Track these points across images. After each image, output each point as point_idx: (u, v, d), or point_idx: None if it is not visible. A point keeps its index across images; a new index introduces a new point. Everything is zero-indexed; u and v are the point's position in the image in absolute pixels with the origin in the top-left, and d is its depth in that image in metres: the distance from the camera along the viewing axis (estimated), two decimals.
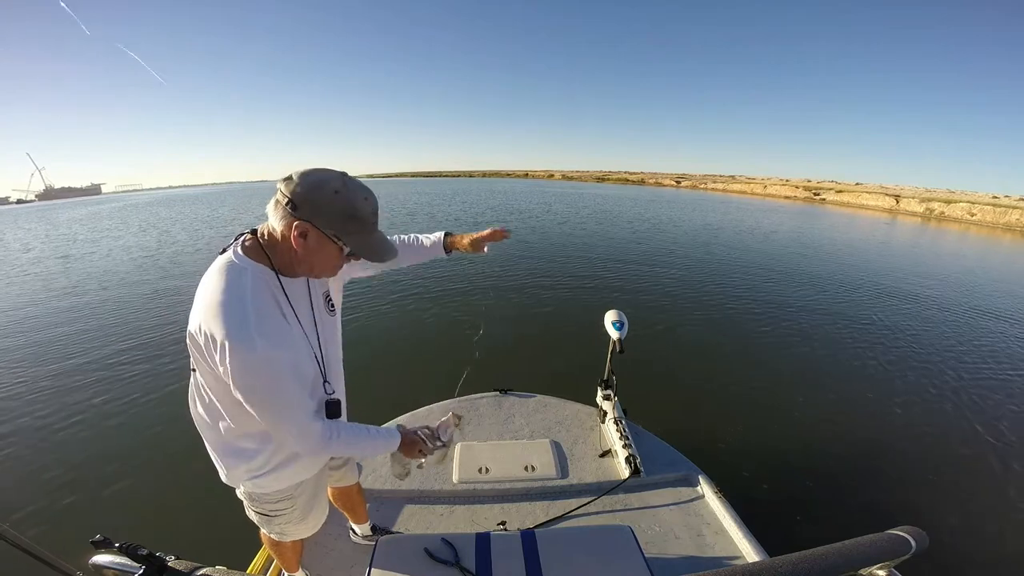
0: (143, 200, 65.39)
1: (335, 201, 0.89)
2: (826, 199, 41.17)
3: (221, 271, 0.91)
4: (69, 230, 20.77)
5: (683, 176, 72.30)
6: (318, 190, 0.88)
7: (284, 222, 0.90)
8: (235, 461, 1.08)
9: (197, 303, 0.91)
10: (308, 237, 0.90)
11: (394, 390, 3.88)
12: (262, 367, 0.87)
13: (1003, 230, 24.27)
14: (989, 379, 4.57)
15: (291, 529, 1.26)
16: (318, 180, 0.89)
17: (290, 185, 0.88)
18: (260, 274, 0.93)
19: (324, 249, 0.93)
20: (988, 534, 2.60)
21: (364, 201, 0.93)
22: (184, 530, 2.50)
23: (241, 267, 0.92)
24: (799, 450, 3.31)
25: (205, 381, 0.97)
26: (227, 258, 0.94)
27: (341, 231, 0.92)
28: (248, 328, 0.86)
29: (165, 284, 8.16)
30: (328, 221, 0.90)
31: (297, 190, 0.88)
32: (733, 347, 5.19)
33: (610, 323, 2.22)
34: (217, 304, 0.87)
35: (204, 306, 0.88)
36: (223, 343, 0.84)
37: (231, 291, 0.88)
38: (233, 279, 0.90)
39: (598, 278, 8.15)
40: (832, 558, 0.56)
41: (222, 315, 0.86)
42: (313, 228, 0.89)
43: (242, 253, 0.94)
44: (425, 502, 1.88)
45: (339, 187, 0.89)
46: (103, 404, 3.91)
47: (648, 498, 1.89)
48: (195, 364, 0.97)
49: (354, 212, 0.91)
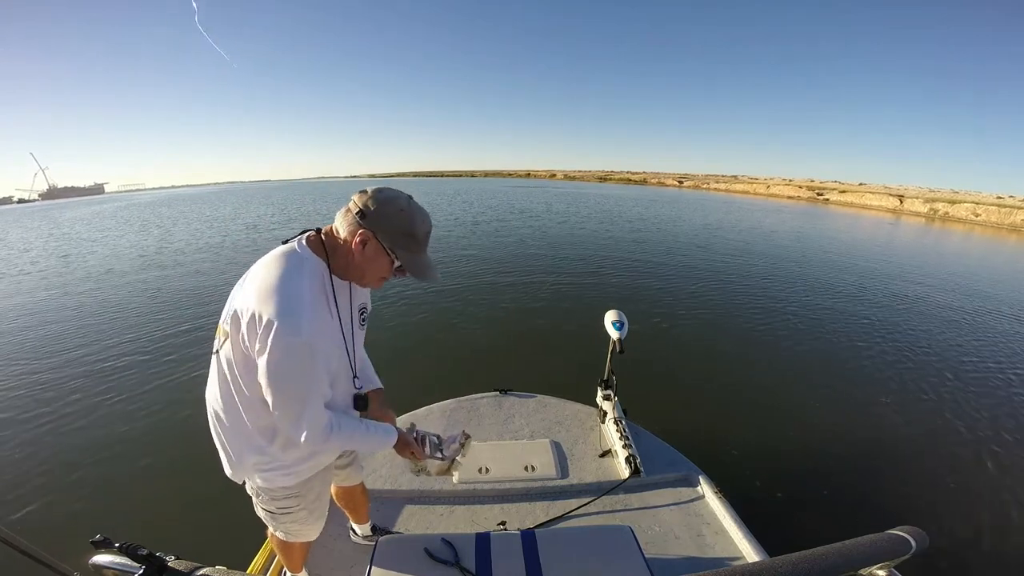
0: (146, 200, 65.51)
1: (398, 217, 0.99)
2: (829, 199, 41.12)
3: (282, 257, 0.99)
4: (71, 229, 20.81)
5: (685, 176, 72.26)
6: (386, 205, 0.98)
7: (350, 228, 0.99)
8: (246, 453, 1.09)
9: (250, 283, 0.97)
10: (367, 245, 0.99)
11: (394, 390, 3.85)
12: (300, 352, 0.92)
13: (1008, 230, 24.21)
14: (990, 379, 4.56)
15: (296, 529, 1.27)
16: (388, 197, 0.99)
17: (363, 197, 0.99)
18: (317, 266, 1.01)
19: (378, 259, 1.02)
20: (988, 534, 2.60)
21: (422, 223, 1.02)
22: (184, 530, 2.50)
23: (302, 256, 1.00)
24: (799, 450, 3.31)
25: (234, 363, 0.98)
26: (289, 247, 1.01)
27: (397, 245, 1.01)
28: (300, 312, 0.92)
29: (165, 284, 8.16)
30: (388, 234, 0.99)
31: (368, 202, 0.98)
32: (733, 347, 5.19)
33: (610, 323, 2.22)
34: (274, 285, 0.93)
35: (259, 286, 0.94)
36: (272, 320, 0.89)
37: (290, 276, 0.95)
38: (294, 265, 0.97)
39: (598, 278, 8.14)
40: (832, 558, 0.56)
41: (277, 295, 0.91)
42: (373, 238, 0.99)
43: (305, 245, 1.02)
44: (425, 502, 1.88)
45: (404, 206, 1.00)
46: (102, 404, 3.91)
47: (648, 498, 1.89)
48: (222, 346, 1.01)
49: (412, 230, 1.01)
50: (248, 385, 0.99)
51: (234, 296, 1.00)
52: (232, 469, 1.13)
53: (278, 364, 0.91)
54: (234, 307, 0.96)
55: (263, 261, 1.00)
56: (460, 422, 2.37)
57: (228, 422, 1.07)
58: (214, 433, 1.12)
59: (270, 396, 0.95)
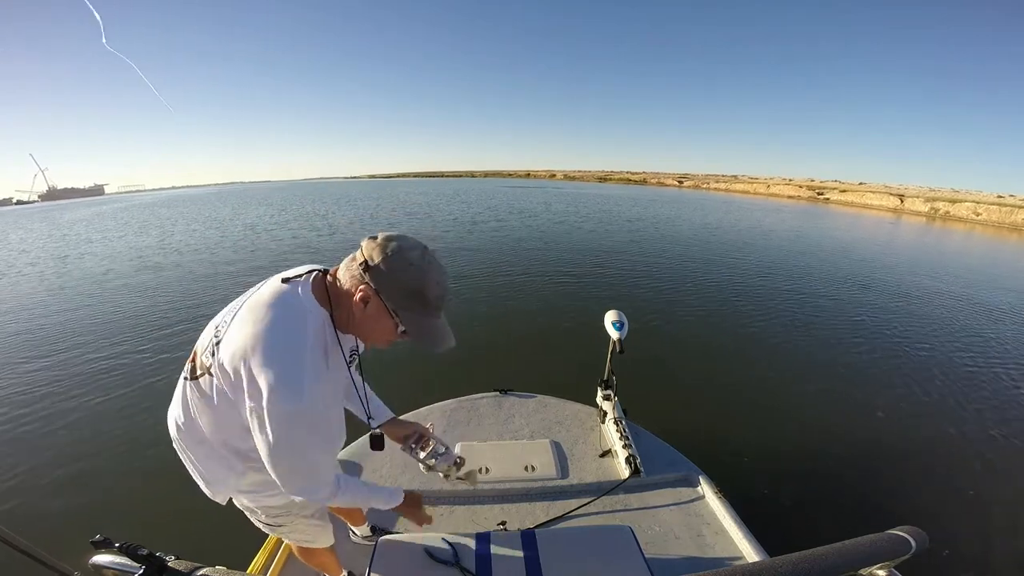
0: (146, 201, 65.48)
1: (406, 273, 0.84)
2: (830, 199, 41.11)
3: (285, 306, 0.87)
4: (71, 230, 20.81)
5: (685, 176, 72.25)
6: (394, 257, 0.84)
7: (352, 281, 0.88)
8: (223, 475, 1.03)
9: (244, 326, 0.85)
10: (369, 304, 0.87)
11: (394, 390, 3.86)
12: (302, 420, 0.84)
13: (1009, 229, 24.22)
14: (990, 379, 4.56)
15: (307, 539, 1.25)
16: (398, 248, 0.85)
17: (371, 245, 0.86)
18: (321, 320, 0.89)
19: (380, 321, 0.89)
20: (988, 534, 2.60)
21: (436, 283, 0.87)
22: (184, 530, 2.49)
23: (306, 308, 0.88)
24: (799, 450, 3.31)
25: (214, 399, 0.91)
26: (292, 292, 0.89)
27: (401, 306, 0.87)
28: (301, 380, 0.82)
29: (165, 283, 8.16)
30: (391, 294, 0.85)
31: (375, 252, 0.85)
32: (733, 347, 5.18)
33: (610, 323, 2.22)
34: (274, 343, 0.83)
35: (256, 337, 0.83)
36: (271, 387, 0.80)
37: (293, 334, 0.85)
38: (297, 321, 0.86)
39: (598, 278, 8.14)
40: (832, 558, 0.56)
41: (276, 358, 0.82)
42: (375, 296, 0.86)
43: (311, 292, 0.90)
44: (425, 502, 1.87)
45: (416, 259, 0.85)
46: (102, 403, 3.91)
47: (648, 498, 1.89)
48: (198, 377, 0.93)
49: (420, 289, 0.86)
50: (229, 419, 0.92)
51: (222, 329, 0.90)
52: (210, 490, 1.06)
53: (278, 431, 0.82)
54: (223, 350, 0.86)
55: (260, 302, 0.88)
56: (460, 422, 2.37)
57: (201, 448, 1.00)
58: (182, 455, 1.04)
59: (269, 466, 0.87)
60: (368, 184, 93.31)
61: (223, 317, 0.94)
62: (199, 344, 0.96)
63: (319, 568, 1.43)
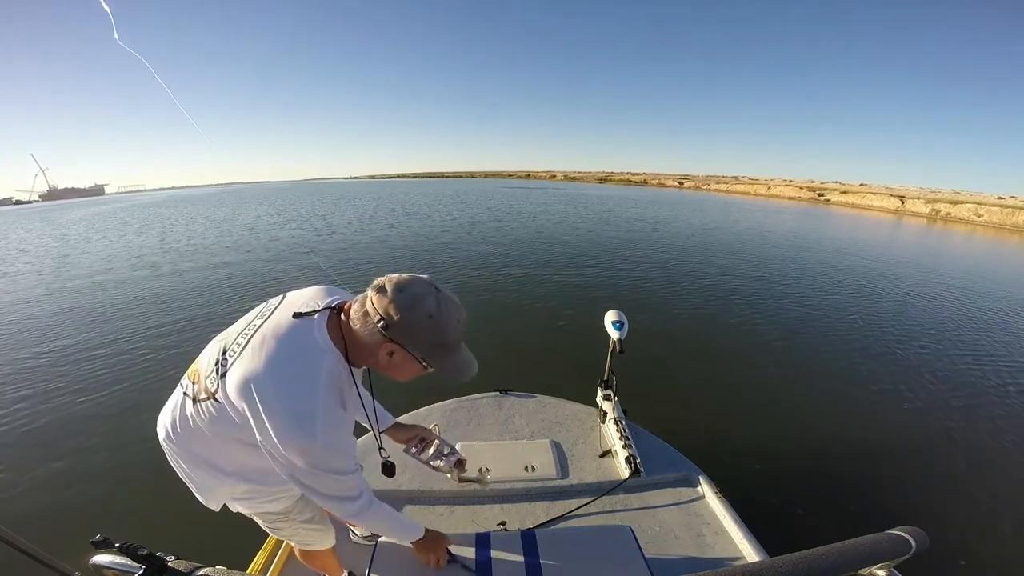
0: (146, 201, 65.46)
1: (428, 327, 0.86)
2: (830, 200, 41.05)
3: (300, 346, 0.88)
4: (69, 230, 20.80)
5: (686, 177, 72.23)
6: (412, 313, 0.84)
7: (374, 338, 0.87)
8: (218, 484, 1.03)
9: (257, 363, 0.85)
10: (395, 356, 0.89)
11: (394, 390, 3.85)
12: (322, 452, 0.86)
13: (1010, 231, 24.19)
14: (991, 379, 4.56)
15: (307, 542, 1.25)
16: (412, 300, 0.85)
17: (383, 301, 0.85)
18: (337, 364, 0.90)
19: (407, 366, 0.92)
20: (988, 534, 2.60)
21: (456, 324, 0.90)
22: (184, 530, 2.49)
23: (323, 350, 0.89)
24: (799, 450, 3.31)
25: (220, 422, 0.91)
26: (307, 331, 0.89)
27: (428, 355, 0.90)
28: (313, 422, 0.84)
29: (164, 283, 8.16)
30: (416, 346, 0.88)
31: (390, 309, 0.84)
32: (733, 347, 5.19)
33: (610, 323, 2.22)
34: (287, 387, 0.84)
35: (268, 377, 0.84)
36: (283, 428, 0.83)
37: (307, 377, 0.86)
38: (313, 363, 0.87)
39: (598, 278, 8.14)
40: (832, 558, 0.56)
41: (289, 403, 0.83)
42: (401, 348, 0.87)
43: (326, 333, 0.90)
44: (425, 502, 1.88)
45: (433, 310, 0.85)
46: (102, 402, 3.91)
47: (648, 498, 1.89)
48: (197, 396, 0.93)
49: (444, 339, 0.89)
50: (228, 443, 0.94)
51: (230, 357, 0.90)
52: (203, 497, 1.06)
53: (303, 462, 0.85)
54: (230, 382, 0.87)
55: (272, 338, 0.88)
56: (460, 422, 2.37)
57: (193, 459, 1.00)
58: (172, 461, 1.04)
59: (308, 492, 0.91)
60: (369, 184, 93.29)
61: (231, 342, 0.93)
62: (202, 364, 0.96)
63: (320, 569, 1.42)
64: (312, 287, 1.02)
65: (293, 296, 0.99)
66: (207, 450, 0.98)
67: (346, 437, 0.94)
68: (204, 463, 1.00)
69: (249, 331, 0.92)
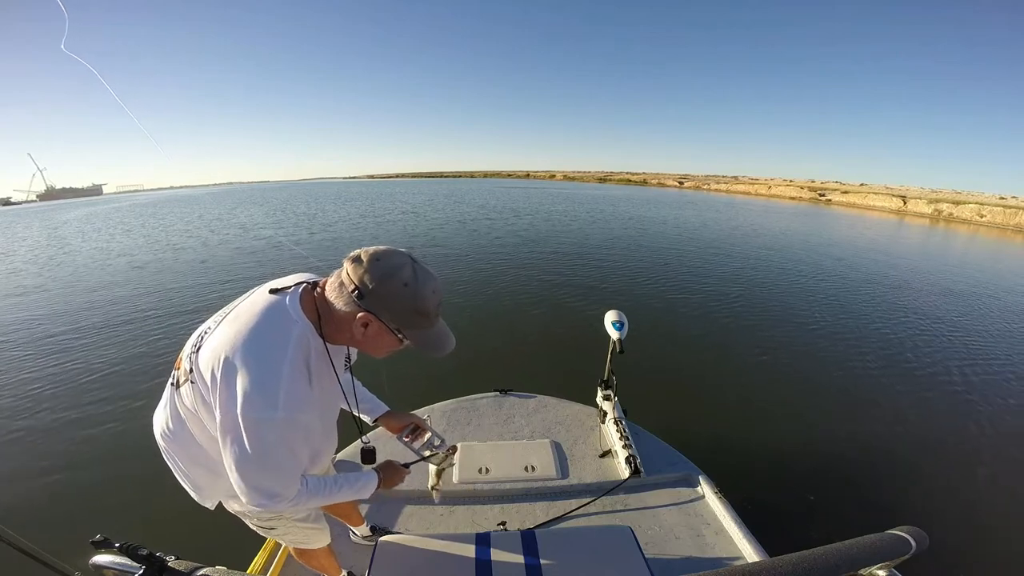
0: (144, 200, 65.44)
1: (403, 295, 0.85)
2: (831, 200, 40.97)
3: (270, 316, 0.87)
4: (68, 231, 20.79)
5: (686, 176, 72.15)
6: (388, 281, 0.84)
7: (348, 308, 0.87)
8: (211, 480, 1.03)
9: (227, 334, 0.85)
10: (369, 327, 0.87)
11: (394, 390, 3.85)
12: (273, 430, 0.83)
13: (1013, 231, 24.14)
14: (989, 379, 4.57)
15: (301, 540, 1.24)
16: (388, 269, 0.84)
17: (358, 270, 0.84)
18: (306, 333, 0.89)
19: (382, 339, 0.91)
20: (988, 534, 2.60)
21: (432, 295, 0.88)
22: (184, 530, 2.49)
23: (292, 320, 0.88)
24: (799, 450, 3.31)
25: (197, 406, 0.90)
26: (280, 303, 0.89)
27: (404, 325, 0.88)
28: (276, 391, 0.82)
29: (165, 283, 8.16)
30: (391, 316, 0.86)
31: (365, 278, 0.84)
32: (733, 347, 5.18)
33: (610, 323, 2.22)
34: (253, 351, 0.83)
35: (236, 343, 0.83)
36: (245, 394, 0.80)
37: (274, 345, 0.85)
38: (281, 332, 0.86)
39: (598, 278, 8.14)
40: (832, 558, 0.56)
41: (253, 364, 0.82)
42: (376, 319, 0.86)
43: (298, 303, 0.90)
44: (425, 502, 1.88)
45: (408, 279, 0.85)
46: (102, 402, 3.91)
47: (648, 498, 1.89)
48: (181, 384, 0.92)
49: (421, 307, 0.87)
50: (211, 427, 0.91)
51: (205, 336, 0.90)
52: (198, 495, 1.06)
53: (247, 438, 0.81)
54: (202, 355, 0.86)
55: (245, 310, 0.89)
56: (460, 422, 2.37)
57: (187, 454, 1.00)
58: (168, 460, 1.04)
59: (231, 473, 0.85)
60: (367, 185, 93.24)
61: (208, 324, 0.94)
62: (184, 351, 0.96)
63: (318, 569, 1.42)
64: (295, 274, 1.01)
65: (275, 281, 1.00)
66: (197, 442, 0.97)
67: (308, 414, 0.90)
68: (197, 460, 1.00)
69: (226, 311, 0.94)
